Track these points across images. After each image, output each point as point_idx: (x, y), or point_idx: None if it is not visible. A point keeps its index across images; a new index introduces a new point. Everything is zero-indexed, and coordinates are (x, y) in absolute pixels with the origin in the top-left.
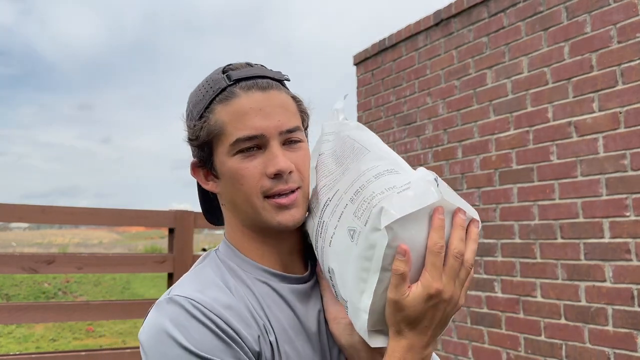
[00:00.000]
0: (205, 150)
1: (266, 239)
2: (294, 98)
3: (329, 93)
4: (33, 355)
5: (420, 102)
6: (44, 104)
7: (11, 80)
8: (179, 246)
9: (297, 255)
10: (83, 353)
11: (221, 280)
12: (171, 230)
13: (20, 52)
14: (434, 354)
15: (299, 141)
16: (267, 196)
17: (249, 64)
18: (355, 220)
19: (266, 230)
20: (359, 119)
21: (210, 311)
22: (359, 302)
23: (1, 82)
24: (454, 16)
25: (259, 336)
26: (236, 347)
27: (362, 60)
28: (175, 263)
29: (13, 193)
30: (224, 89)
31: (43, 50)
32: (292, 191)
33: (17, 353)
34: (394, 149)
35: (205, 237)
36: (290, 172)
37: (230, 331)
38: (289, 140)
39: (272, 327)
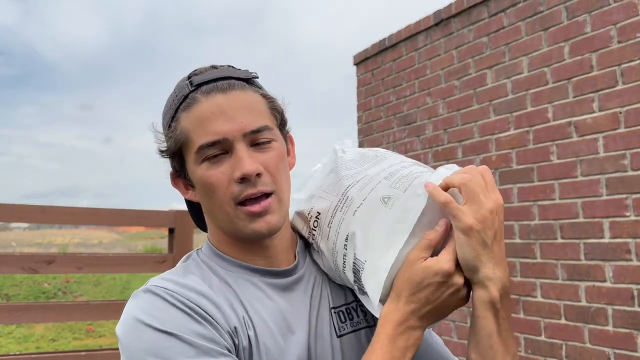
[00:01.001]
0: (177, 160)
1: (246, 246)
2: (264, 96)
3: (329, 93)
4: (33, 355)
5: (420, 102)
6: (44, 104)
7: (12, 80)
8: (179, 246)
9: (283, 250)
10: (83, 353)
11: (201, 278)
12: (171, 230)
13: (21, 52)
14: (435, 335)
15: (270, 141)
16: (239, 203)
17: (213, 67)
18: (391, 189)
19: (243, 237)
20: (359, 119)
21: (185, 298)
22: (379, 261)
23: (2, 82)
24: (454, 16)
25: (235, 327)
26: (211, 328)
27: (362, 60)
28: (175, 263)
29: (13, 193)
30: (186, 96)
31: (44, 50)
32: (266, 195)
33: (17, 353)
34: (394, 149)
35: (205, 237)
36: (259, 175)
37: (205, 314)
38: (257, 141)
39: (252, 322)
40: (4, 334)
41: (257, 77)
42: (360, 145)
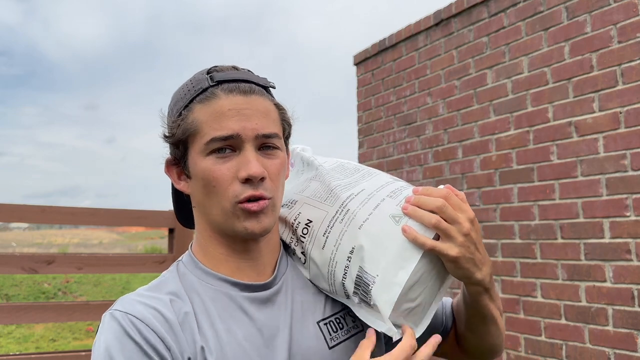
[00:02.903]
0: (180, 148)
1: (233, 245)
2: (277, 106)
3: (329, 93)
4: (33, 356)
5: (420, 102)
6: (46, 104)
7: (13, 80)
8: (178, 246)
9: (268, 252)
10: (83, 353)
11: (174, 296)
12: (171, 231)
13: (23, 52)
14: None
15: (276, 149)
16: (238, 202)
17: (235, 68)
18: (400, 209)
19: (233, 235)
20: (359, 119)
21: (144, 329)
22: (394, 277)
23: (4, 83)
24: (454, 16)
25: (189, 358)
26: None
27: (362, 60)
28: None
29: (14, 193)
30: (205, 89)
31: (46, 51)
32: (264, 199)
33: (17, 353)
34: (394, 149)
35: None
36: (262, 179)
37: (159, 349)
38: (265, 145)
39: (220, 345)
40: (4, 334)
41: (275, 87)
42: (361, 145)
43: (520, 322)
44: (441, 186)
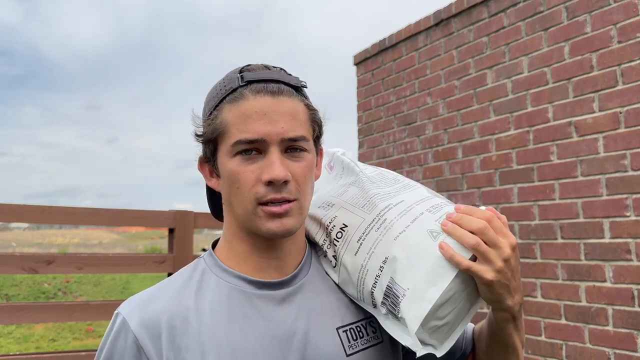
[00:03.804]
0: (210, 147)
1: (258, 243)
2: (308, 106)
3: (329, 93)
4: (33, 356)
5: (420, 102)
6: (47, 104)
7: (14, 80)
8: (178, 246)
9: (293, 252)
10: (83, 353)
11: (183, 292)
12: (171, 231)
13: (24, 52)
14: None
15: (303, 151)
16: (261, 203)
17: (266, 67)
18: (438, 225)
19: (258, 235)
20: (359, 119)
21: (145, 333)
22: (425, 292)
23: (5, 83)
24: (454, 16)
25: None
26: None
27: (362, 60)
28: (175, 263)
29: (15, 193)
30: (234, 90)
31: (47, 51)
32: (288, 201)
33: (17, 353)
34: (394, 149)
35: (205, 237)
36: (286, 182)
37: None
38: (292, 148)
39: (227, 343)
40: (4, 334)
41: (306, 87)
42: (360, 145)
43: None
44: (483, 207)
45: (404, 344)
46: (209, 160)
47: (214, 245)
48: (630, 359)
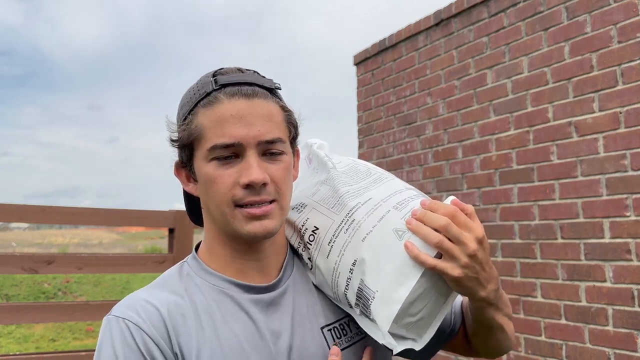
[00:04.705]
0: (186, 152)
1: (238, 246)
2: (283, 108)
3: (329, 93)
4: (33, 356)
5: (420, 102)
6: (47, 104)
7: (15, 80)
8: (178, 246)
9: (273, 253)
10: (83, 353)
11: (172, 294)
12: (171, 231)
13: (24, 52)
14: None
15: (280, 153)
16: (239, 205)
17: (239, 70)
18: (404, 223)
19: (238, 238)
20: (359, 119)
21: (140, 336)
22: (394, 293)
23: (6, 83)
24: (454, 16)
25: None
26: None
27: (362, 60)
28: (175, 263)
29: (15, 193)
30: (209, 94)
31: (48, 51)
32: (269, 202)
33: (17, 353)
34: (394, 149)
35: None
36: (265, 184)
37: (157, 355)
38: (269, 151)
39: (218, 345)
40: (4, 334)
41: (280, 89)
42: (361, 145)
43: (520, 322)
44: (448, 199)
45: (380, 342)
46: (185, 166)
47: (197, 247)
48: (630, 359)
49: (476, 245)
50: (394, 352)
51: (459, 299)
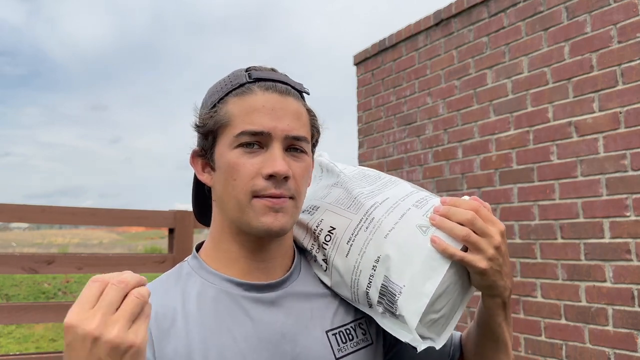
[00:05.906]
0: (208, 139)
1: (246, 243)
2: (309, 111)
3: (329, 93)
4: (33, 355)
5: (420, 102)
6: (47, 104)
7: (17, 80)
8: (179, 246)
9: (280, 255)
10: None
11: (168, 294)
12: (171, 231)
13: (26, 52)
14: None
15: (303, 152)
16: (257, 196)
17: (273, 70)
18: (426, 219)
19: (248, 232)
20: (359, 119)
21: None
22: (422, 287)
23: (7, 82)
24: (454, 16)
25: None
26: None
27: (362, 60)
28: (175, 263)
29: (16, 193)
30: (242, 85)
31: (51, 51)
32: (284, 197)
33: (17, 353)
34: (394, 149)
35: (205, 237)
36: (286, 178)
37: (149, 354)
38: (293, 147)
39: (214, 344)
40: (4, 334)
41: (309, 94)
42: (361, 145)
43: (520, 322)
44: (466, 197)
45: (403, 341)
46: (204, 154)
47: (198, 248)
48: (630, 359)
49: (500, 237)
50: (419, 350)
51: (457, 334)
